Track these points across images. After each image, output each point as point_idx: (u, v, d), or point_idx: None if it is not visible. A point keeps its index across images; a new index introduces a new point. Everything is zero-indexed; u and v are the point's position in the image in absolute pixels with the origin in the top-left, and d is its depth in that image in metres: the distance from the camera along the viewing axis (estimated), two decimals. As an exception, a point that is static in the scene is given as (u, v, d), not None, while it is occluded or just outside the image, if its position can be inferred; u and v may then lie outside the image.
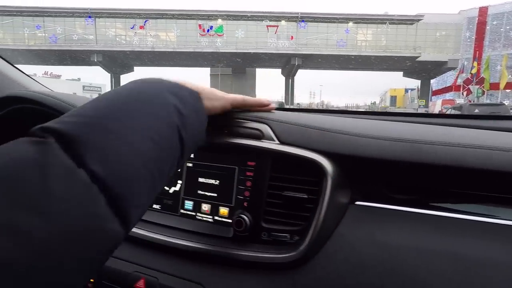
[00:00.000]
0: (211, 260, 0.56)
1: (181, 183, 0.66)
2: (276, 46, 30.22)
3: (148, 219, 0.66)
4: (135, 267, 0.60)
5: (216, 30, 30.37)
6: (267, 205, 0.55)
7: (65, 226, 0.24)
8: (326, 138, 0.55)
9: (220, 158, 0.62)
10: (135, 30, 30.56)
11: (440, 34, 29.75)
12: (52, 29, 29.43)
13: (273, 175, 0.56)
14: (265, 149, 0.56)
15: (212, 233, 0.58)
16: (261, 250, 0.53)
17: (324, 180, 0.52)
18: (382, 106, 43.80)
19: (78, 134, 0.29)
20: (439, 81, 27.64)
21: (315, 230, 0.50)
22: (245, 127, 0.60)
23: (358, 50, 30.42)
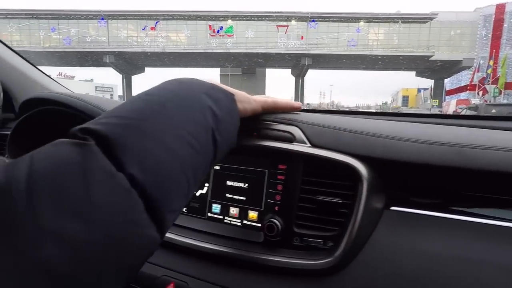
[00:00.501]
0: (241, 265, 0.55)
1: (208, 186, 0.65)
2: (286, 46, 30.12)
3: (176, 222, 0.64)
4: (163, 271, 0.59)
5: (226, 31, 30.50)
6: (298, 209, 0.54)
7: (106, 232, 0.24)
8: (361, 141, 0.54)
9: (249, 161, 0.61)
10: (146, 32, 30.98)
11: (454, 32, 29.04)
12: (66, 31, 30.15)
13: (305, 179, 0.55)
14: (297, 152, 0.55)
15: (241, 238, 0.58)
16: (293, 255, 0.52)
17: (359, 185, 0.50)
18: (393, 106, 43.07)
19: (116, 137, 0.28)
20: (453, 81, 26.98)
21: (351, 236, 0.49)
22: (275, 130, 0.59)
23: (369, 49, 30.01)
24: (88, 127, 0.29)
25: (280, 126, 0.59)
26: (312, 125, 0.57)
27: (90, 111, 0.82)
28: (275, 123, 0.60)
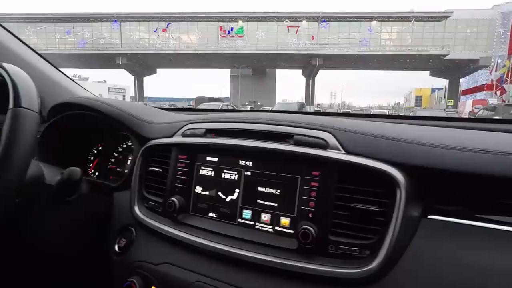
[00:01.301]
0: (274, 272, 0.54)
1: (239, 191, 0.63)
2: (297, 46, 29.94)
3: (205, 227, 0.64)
4: (197, 277, 0.60)
5: (236, 32, 30.56)
6: (333, 217, 0.53)
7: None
8: (398, 148, 0.52)
9: (280, 167, 0.60)
10: (158, 33, 31.39)
11: (471, 30, 28.22)
12: (80, 34, 30.85)
13: (340, 186, 0.53)
14: (331, 159, 0.54)
15: (274, 244, 0.57)
16: (327, 263, 0.51)
17: (397, 193, 0.49)
18: (406, 106, 42.22)
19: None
20: (469, 80, 26.21)
21: (390, 245, 0.47)
22: (307, 136, 0.59)
23: (381, 49, 29.50)
24: None
25: (313, 132, 0.59)
26: (346, 131, 0.57)
27: (118, 116, 0.81)
28: (307, 129, 0.60)
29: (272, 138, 0.62)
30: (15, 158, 0.46)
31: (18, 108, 0.49)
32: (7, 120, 0.48)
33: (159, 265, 0.63)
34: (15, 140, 0.47)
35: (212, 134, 0.69)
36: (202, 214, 0.66)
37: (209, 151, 0.68)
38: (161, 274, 0.62)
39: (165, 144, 0.72)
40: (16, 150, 0.46)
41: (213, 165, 0.67)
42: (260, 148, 0.61)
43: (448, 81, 31.52)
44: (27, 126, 0.49)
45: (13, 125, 0.47)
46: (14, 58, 1.05)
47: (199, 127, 0.70)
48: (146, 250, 0.67)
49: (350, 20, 29.57)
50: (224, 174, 0.65)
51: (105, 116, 0.82)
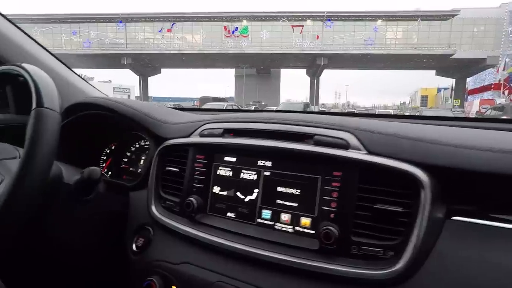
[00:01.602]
0: (296, 272, 0.54)
1: (258, 191, 0.63)
2: (301, 46, 29.86)
3: (223, 227, 0.64)
4: (217, 277, 0.60)
5: (241, 31, 30.59)
6: (355, 217, 0.53)
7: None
8: (421, 149, 0.52)
9: (300, 167, 0.60)
10: (163, 33, 31.54)
11: (478, 29, 27.89)
12: (86, 34, 31.14)
13: (361, 186, 0.53)
14: (353, 160, 0.54)
15: (294, 244, 0.57)
16: (350, 264, 0.51)
17: (421, 193, 0.49)
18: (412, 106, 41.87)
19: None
20: (476, 80, 25.89)
21: (416, 246, 0.47)
22: (327, 136, 0.58)
23: (387, 48, 29.29)
24: None
25: (333, 132, 0.59)
26: (367, 131, 0.56)
27: (134, 116, 0.81)
28: (327, 129, 0.59)
29: (291, 138, 0.62)
30: (39, 157, 0.47)
31: (41, 108, 0.50)
32: (30, 120, 0.49)
33: (179, 265, 0.63)
34: (39, 140, 0.47)
35: (230, 134, 0.68)
36: (220, 214, 0.66)
37: (227, 151, 0.67)
38: (181, 273, 0.62)
39: (182, 144, 0.71)
40: (40, 150, 0.47)
41: (231, 165, 0.66)
42: (280, 148, 0.60)
43: (455, 80, 31.20)
44: (50, 126, 0.49)
45: (36, 125, 0.48)
46: (30, 59, 1.06)
47: (216, 127, 0.69)
48: (164, 250, 0.67)
49: (355, 19, 29.43)
50: (242, 174, 0.65)
51: (120, 116, 0.82)
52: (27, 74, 0.57)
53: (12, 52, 0.99)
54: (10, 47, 1.00)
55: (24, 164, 0.46)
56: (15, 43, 1.02)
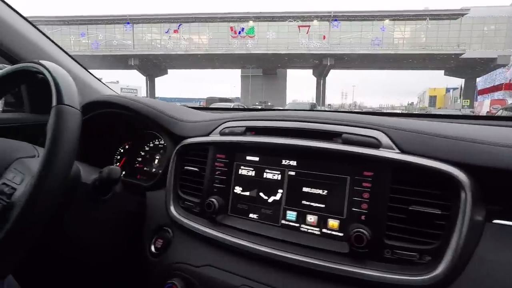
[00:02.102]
0: (324, 276, 0.52)
1: (282, 192, 0.61)
2: (308, 46, 29.73)
3: (246, 228, 0.62)
4: (242, 280, 0.58)
5: (247, 32, 30.60)
6: (388, 219, 0.50)
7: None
8: (459, 148, 0.49)
9: (327, 167, 0.58)
10: (170, 34, 31.75)
11: (488, 28, 27.40)
12: (94, 35, 31.52)
13: (394, 187, 0.50)
14: (385, 159, 0.52)
15: (322, 247, 0.55)
16: (384, 269, 0.48)
17: (461, 195, 0.46)
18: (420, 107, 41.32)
19: None
20: (487, 80, 25.33)
21: (456, 250, 0.44)
22: (357, 134, 0.56)
23: (394, 48, 28.97)
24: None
25: (363, 130, 0.57)
26: (399, 130, 0.54)
27: (148, 113, 0.79)
28: (356, 127, 0.58)
29: (318, 136, 0.59)
30: (61, 156, 0.46)
31: (62, 105, 0.49)
32: (51, 118, 0.48)
33: (200, 268, 0.61)
34: (60, 138, 0.46)
35: (252, 132, 0.66)
36: (242, 215, 0.64)
37: (249, 150, 0.65)
38: (204, 277, 0.60)
39: (202, 143, 0.69)
40: (62, 148, 0.46)
41: (254, 164, 0.64)
42: (306, 147, 0.58)
43: (464, 80, 30.68)
44: (71, 124, 0.48)
45: (57, 123, 0.47)
46: (49, 59, 1.06)
47: (238, 125, 0.67)
48: (184, 252, 0.65)
49: (362, 19, 29.19)
50: (265, 174, 0.62)
51: (137, 114, 0.81)
52: (46, 70, 0.56)
53: (31, 53, 0.99)
54: (30, 48, 1.00)
55: (46, 163, 0.45)
56: (35, 44, 1.02)
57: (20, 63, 0.84)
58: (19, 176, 0.51)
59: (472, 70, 29.20)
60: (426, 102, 42.93)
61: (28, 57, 0.98)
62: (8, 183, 0.50)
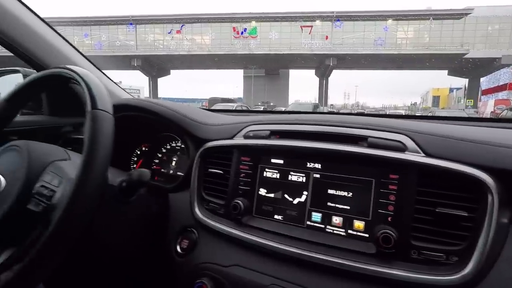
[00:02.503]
0: (350, 276, 0.53)
1: (307, 194, 0.62)
2: (310, 46, 29.72)
3: (271, 229, 0.63)
4: (271, 280, 0.59)
5: (250, 32, 30.63)
6: (414, 221, 0.51)
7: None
8: (485, 151, 0.50)
9: (352, 170, 0.59)
10: (172, 35, 31.85)
11: (492, 28, 27.24)
12: (97, 36, 31.70)
13: (420, 190, 0.52)
14: (411, 162, 0.53)
15: (348, 248, 0.56)
16: (411, 269, 0.49)
17: (488, 197, 0.47)
18: (423, 107, 41.17)
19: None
20: (491, 79, 25.18)
21: (483, 252, 0.46)
22: (383, 139, 0.58)
23: (397, 48, 28.89)
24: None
25: (388, 134, 0.58)
26: (424, 134, 0.56)
27: (171, 116, 0.80)
28: (382, 131, 0.59)
29: (342, 140, 0.60)
30: (99, 160, 0.48)
31: (96, 110, 0.51)
32: (87, 123, 0.50)
33: (229, 267, 0.62)
34: (97, 142, 0.48)
35: (276, 136, 0.67)
36: (267, 216, 0.65)
37: (273, 153, 0.66)
38: (232, 276, 0.61)
39: (226, 146, 0.71)
40: (98, 152, 0.48)
41: (279, 167, 0.65)
42: (332, 151, 0.59)
43: (468, 80, 30.53)
44: (105, 128, 0.50)
45: (93, 128, 0.49)
46: (67, 62, 1.08)
47: (262, 129, 0.68)
48: (211, 252, 0.66)
49: (364, 19, 29.13)
50: (290, 176, 0.64)
51: (160, 117, 0.82)
52: (78, 76, 0.58)
53: (54, 58, 1.01)
54: (51, 52, 1.02)
55: (85, 166, 0.46)
56: (56, 49, 1.04)
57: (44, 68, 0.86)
58: (56, 178, 0.52)
59: (476, 70, 29.05)
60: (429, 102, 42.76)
61: (50, 61, 1.00)
62: (47, 186, 0.51)
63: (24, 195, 0.50)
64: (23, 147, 0.57)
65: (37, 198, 0.50)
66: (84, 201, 0.45)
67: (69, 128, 1.18)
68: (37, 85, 0.67)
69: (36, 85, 0.67)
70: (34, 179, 0.52)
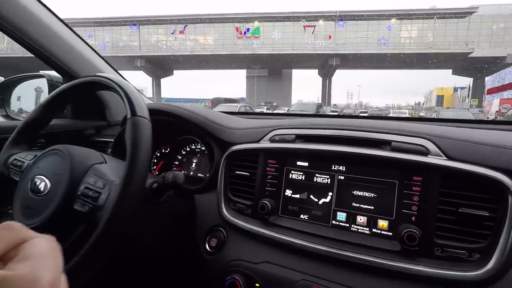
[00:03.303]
0: (376, 272, 0.56)
1: (332, 194, 0.65)
2: (313, 46, 29.70)
3: (298, 228, 0.66)
4: (300, 275, 0.61)
5: (252, 32, 30.68)
6: (438, 220, 0.54)
7: None
8: (505, 155, 0.53)
9: (375, 172, 0.61)
10: (175, 35, 32.01)
11: (497, 26, 27.07)
12: (101, 37, 31.91)
13: (442, 191, 0.55)
14: (434, 165, 0.56)
15: (373, 245, 0.58)
16: (435, 265, 0.52)
17: (509, 198, 0.50)
18: (427, 106, 40.97)
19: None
20: (496, 79, 24.98)
21: (505, 249, 0.48)
22: (407, 143, 0.60)
23: (401, 48, 28.78)
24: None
25: (411, 139, 0.60)
26: (446, 138, 0.58)
27: (200, 122, 0.83)
28: (405, 135, 0.61)
29: (365, 144, 0.63)
30: (141, 163, 0.51)
31: (136, 117, 0.55)
32: (128, 129, 0.53)
33: (259, 264, 0.65)
34: (139, 147, 0.51)
35: (301, 140, 0.70)
36: (293, 216, 0.68)
37: (299, 156, 0.69)
38: (262, 272, 0.64)
39: (253, 149, 0.74)
40: (140, 156, 0.51)
41: (304, 169, 0.68)
42: (356, 154, 0.62)
43: (472, 79, 30.33)
44: (145, 134, 0.53)
45: (134, 133, 0.52)
46: (89, 66, 1.12)
47: (288, 133, 0.71)
48: (240, 250, 0.69)
49: (368, 18, 29.05)
50: (316, 178, 0.67)
51: (185, 121, 0.85)
52: (116, 85, 0.60)
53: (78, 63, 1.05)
54: (76, 57, 1.06)
55: (130, 170, 0.50)
56: (81, 54, 1.08)
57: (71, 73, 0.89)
58: (100, 181, 0.55)
59: (481, 69, 28.85)
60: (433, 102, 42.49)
61: (76, 68, 1.04)
62: (92, 188, 0.53)
63: (69, 196, 0.53)
64: (65, 151, 0.59)
65: (82, 199, 0.53)
66: (129, 202, 0.48)
67: (91, 131, 1.22)
68: (73, 92, 0.71)
69: (72, 92, 0.71)
70: (77, 181, 0.55)
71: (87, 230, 0.51)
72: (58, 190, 0.53)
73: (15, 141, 0.70)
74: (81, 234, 0.52)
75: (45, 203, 0.53)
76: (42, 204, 0.53)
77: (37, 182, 0.56)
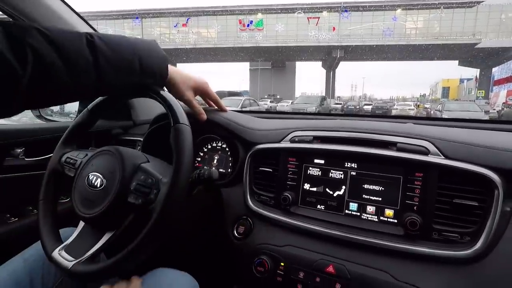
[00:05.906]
0: (385, 253, 0.66)
1: (345, 188, 0.76)
2: (317, 38, 29.42)
3: (315, 216, 0.77)
4: (320, 256, 0.71)
5: (256, 25, 30.43)
6: (436, 209, 0.64)
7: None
8: (493, 155, 0.64)
9: (383, 168, 0.71)
10: (178, 28, 31.88)
11: (506, 16, 26.52)
12: (104, 31, 31.69)
13: (440, 185, 0.64)
14: (434, 164, 0.65)
15: (381, 231, 0.68)
16: (432, 246, 0.62)
17: (495, 191, 0.60)
18: (432, 98, 40.56)
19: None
20: (503, 69, 24.61)
21: (490, 233, 0.59)
22: (410, 144, 0.70)
23: (406, 39, 28.41)
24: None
25: (414, 140, 0.71)
26: (444, 140, 0.69)
27: (227, 125, 0.93)
28: (409, 138, 0.71)
29: (375, 144, 0.73)
30: (185, 164, 0.59)
31: (179, 124, 0.63)
32: (173, 135, 0.61)
33: (283, 247, 0.76)
34: (184, 150, 0.59)
35: (318, 141, 0.80)
36: (311, 206, 0.79)
37: (316, 155, 0.79)
38: (287, 253, 0.75)
39: (275, 149, 0.84)
40: (185, 158, 0.59)
41: (321, 166, 0.79)
42: (367, 153, 0.72)
43: (479, 70, 29.93)
44: (187, 139, 0.61)
45: (179, 138, 0.60)
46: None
47: (306, 135, 0.81)
48: (265, 235, 0.80)
49: (373, 9, 28.63)
50: (331, 174, 0.77)
51: (210, 123, 0.95)
52: (159, 95, 0.69)
53: None
54: None
55: (177, 170, 0.58)
56: None
57: None
58: (149, 178, 0.63)
59: (488, 60, 28.42)
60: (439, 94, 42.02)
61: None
62: (143, 184, 0.62)
63: (123, 191, 0.61)
64: (115, 152, 0.69)
65: (135, 193, 0.61)
66: (177, 197, 0.57)
67: (118, 130, 1.32)
68: (115, 98, 0.80)
69: (114, 98, 0.80)
70: (129, 178, 0.63)
71: (136, 218, 0.60)
72: (112, 186, 0.61)
73: (66, 142, 0.80)
74: (131, 221, 0.60)
75: (102, 196, 0.61)
76: (100, 196, 0.61)
77: (93, 178, 0.64)
